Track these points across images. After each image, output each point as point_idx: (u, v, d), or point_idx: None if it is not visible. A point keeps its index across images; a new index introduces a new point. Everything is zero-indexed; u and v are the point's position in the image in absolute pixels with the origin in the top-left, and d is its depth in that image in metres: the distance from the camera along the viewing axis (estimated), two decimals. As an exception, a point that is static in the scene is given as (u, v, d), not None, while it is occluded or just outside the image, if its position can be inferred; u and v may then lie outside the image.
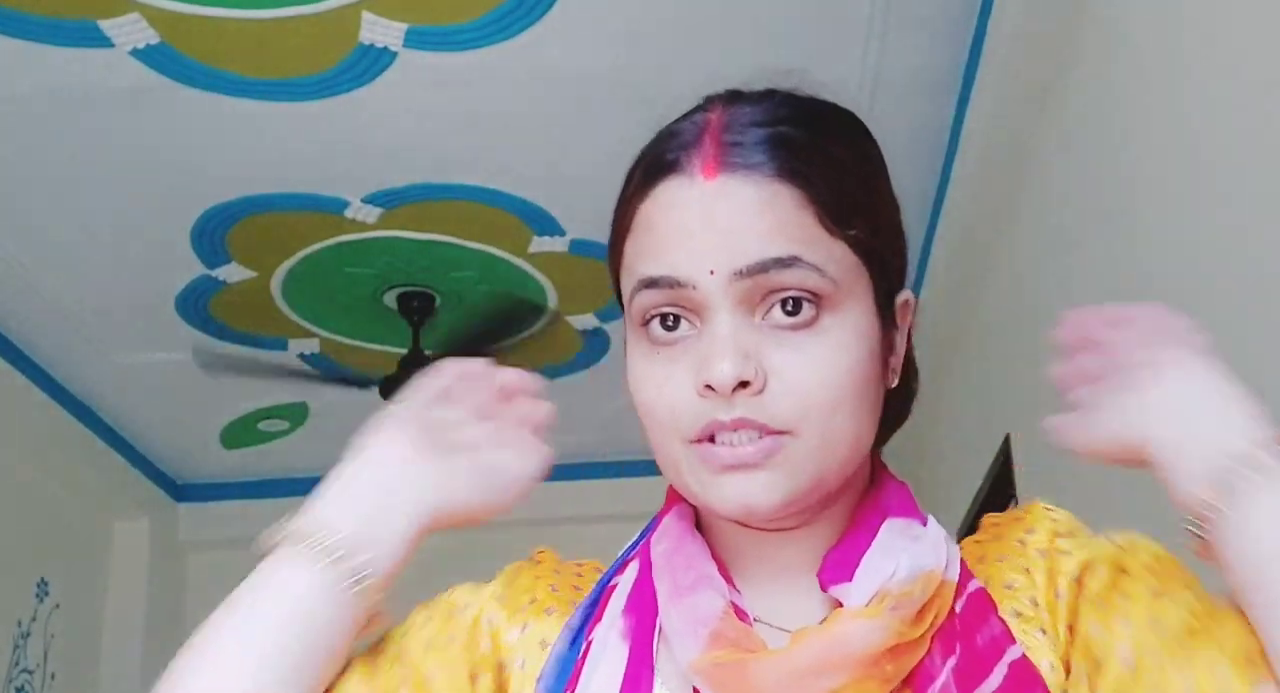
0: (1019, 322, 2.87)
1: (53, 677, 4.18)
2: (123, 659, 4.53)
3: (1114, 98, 2.14)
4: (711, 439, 0.71)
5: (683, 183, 0.73)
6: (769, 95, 0.78)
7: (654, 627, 0.74)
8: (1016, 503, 3.01)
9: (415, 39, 2.62)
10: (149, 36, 2.55)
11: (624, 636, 0.74)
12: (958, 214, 3.04)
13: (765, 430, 0.70)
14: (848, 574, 0.72)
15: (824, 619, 0.71)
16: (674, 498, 0.81)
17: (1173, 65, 1.86)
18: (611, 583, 0.79)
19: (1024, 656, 0.69)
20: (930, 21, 2.59)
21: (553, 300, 3.74)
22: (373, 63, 2.69)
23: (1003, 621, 0.71)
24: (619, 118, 2.89)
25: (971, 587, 0.73)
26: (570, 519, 5.18)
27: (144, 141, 2.90)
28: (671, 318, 0.73)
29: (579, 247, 3.40)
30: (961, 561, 0.75)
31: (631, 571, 0.79)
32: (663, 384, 0.73)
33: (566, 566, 0.85)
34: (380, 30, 2.59)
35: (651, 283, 0.73)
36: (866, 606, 0.69)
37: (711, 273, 0.71)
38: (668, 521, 0.79)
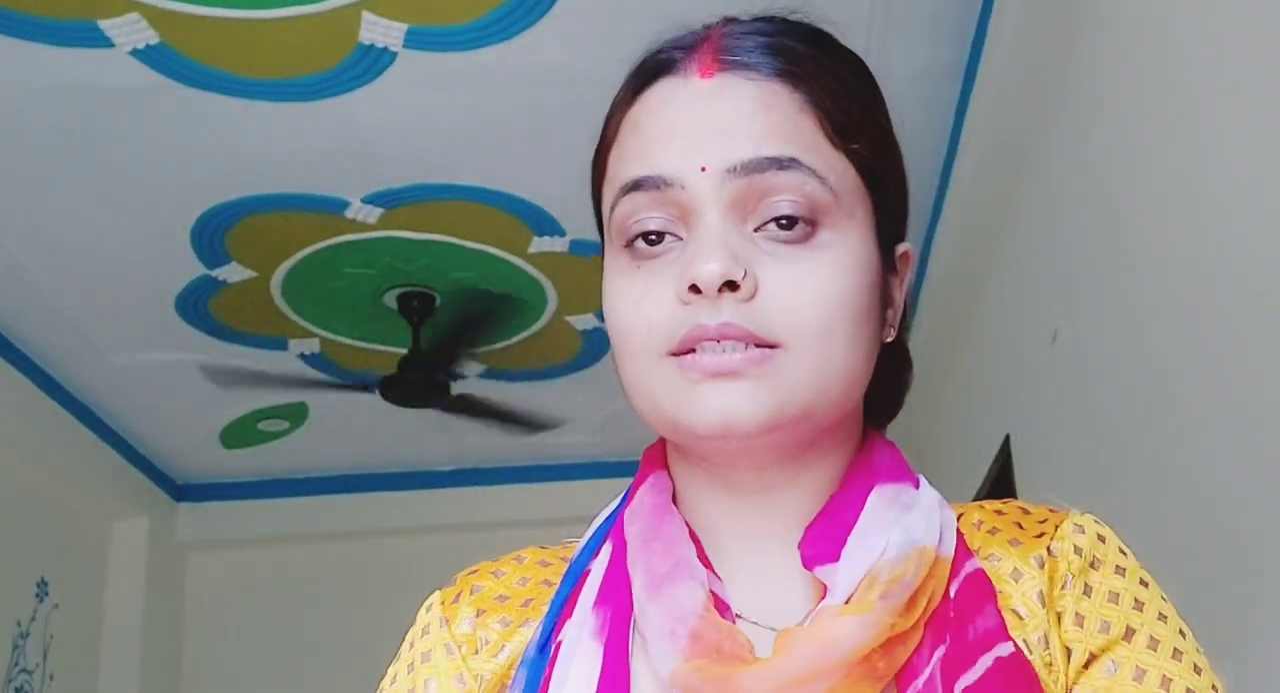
0: (1019, 322, 2.87)
1: (52, 677, 4.18)
2: (122, 659, 4.53)
3: (1114, 97, 2.14)
4: (692, 353, 0.65)
5: (676, 83, 0.70)
6: (770, 18, 0.74)
7: (629, 621, 0.67)
8: (1016, 503, 3.00)
9: (415, 39, 2.62)
10: (149, 36, 2.55)
11: (596, 634, 0.66)
12: (958, 214, 3.04)
13: (753, 340, 0.64)
14: (834, 553, 0.65)
15: (809, 615, 0.64)
16: (649, 465, 0.73)
17: (1172, 65, 1.86)
18: (585, 569, 0.71)
19: (1017, 653, 0.63)
20: (930, 21, 2.59)
21: (553, 300, 3.74)
22: (373, 63, 2.69)
23: (1000, 614, 0.65)
24: (619, 118, 2.90)
25: (969, 567, 0.66)
26: (570, 519, 5.19)
27: (144, 141, 2.90)
28: (655, 235, 0.67)
29: (579, 247, 3.40)
30: (959, 533, 0.69)
31: (605, 555, 0.71)
32: (641, 297, 0.66)
33: (507, 563, 0.76)
34: (380, 30, 2.59)
35: (635, 185, 0.67)
36: (853, 598, 0.63)
37: (703, 170, 0.65)
38: (641, 494, 0.71)
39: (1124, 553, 0.69)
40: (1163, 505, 1.99)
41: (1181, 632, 0.68)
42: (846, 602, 0.63)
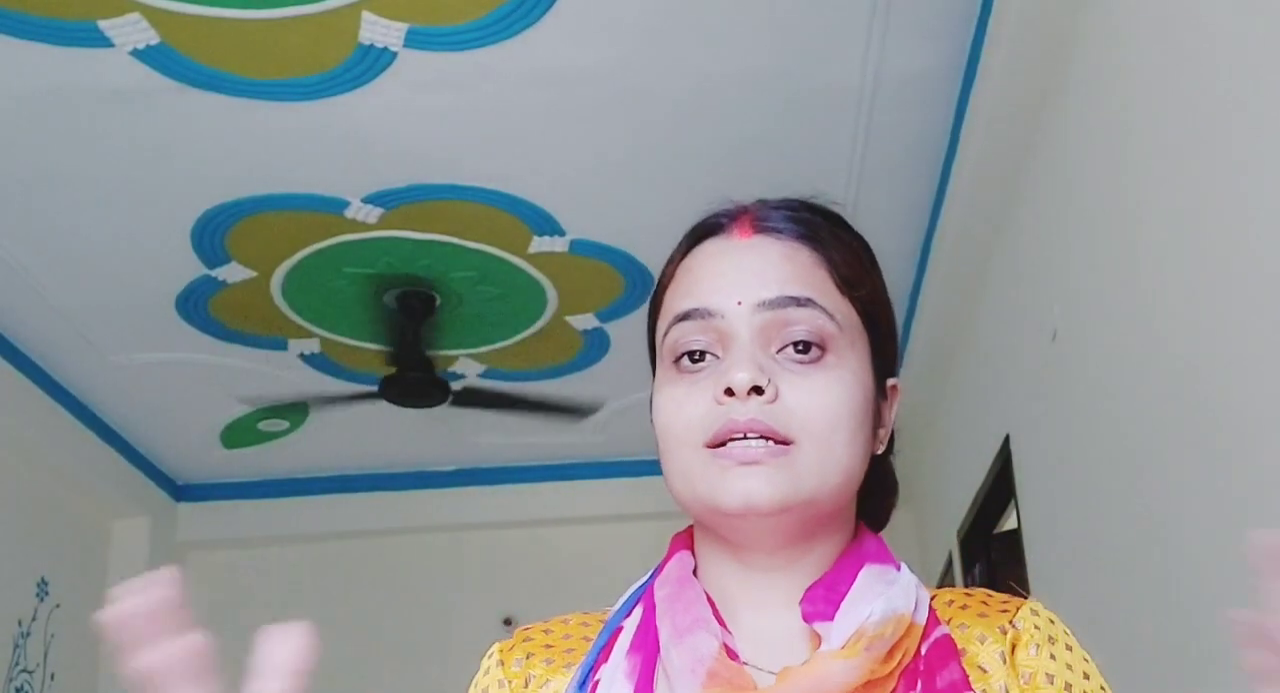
0: (1019, 322, 2.87)
1: (52, 677, 4.19)
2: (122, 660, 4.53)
3: (1113, 99, 2.14)
4: (722, 446, 0.81)
5: (721, 241, 0.88)
6: (796, 199, 0.92)
7: (655, 666, 0.82)
8: (1017, 503, 3.01)
9: (415, 39, 2.62)
10: (149, 36, 2.56)
11: (629, 675, 0.82)
12: (958, 214, 3.04)
13: (773, 435, 0.80)
14: (829, 613, 0.81)
15: (807, 659, 0.78)
16: (676, 544, 0.90)
17: (1172, 66, 1.86)
18: (619, 626, 0.87)
19: None
20: (930, 23, 2.59)
21: (553, 300, 3.75)
22: (373, 63, 2.69)
23: (964, 669, 0.80)
24: (619, 118, 2.90)
25: (937, 633, 0.82)
26: (570, 519, 5.20)
27: (144, 141, 2.90)
28: (699, 354, 0.84)
29: (579, 247, 3.40)
30: (931, 607, 0.84)
31: (637, 614, 0.87)
32: (684, 400, 0.83)
33: (555, 624, 0.92)
34: (380, 30, 2.59)
35: (685, 316, 0.85)
36: (844, 646, 0.77)
37: (739, 303, 0.83)
38: (670, 567, 0.88)
39: (1068, 634, 0.85)
40: (1163, 505, 1.99)
41: None
42: (841, 648, 0.78)
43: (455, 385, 4.10)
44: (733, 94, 2.77)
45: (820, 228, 0.88)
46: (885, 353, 0.89)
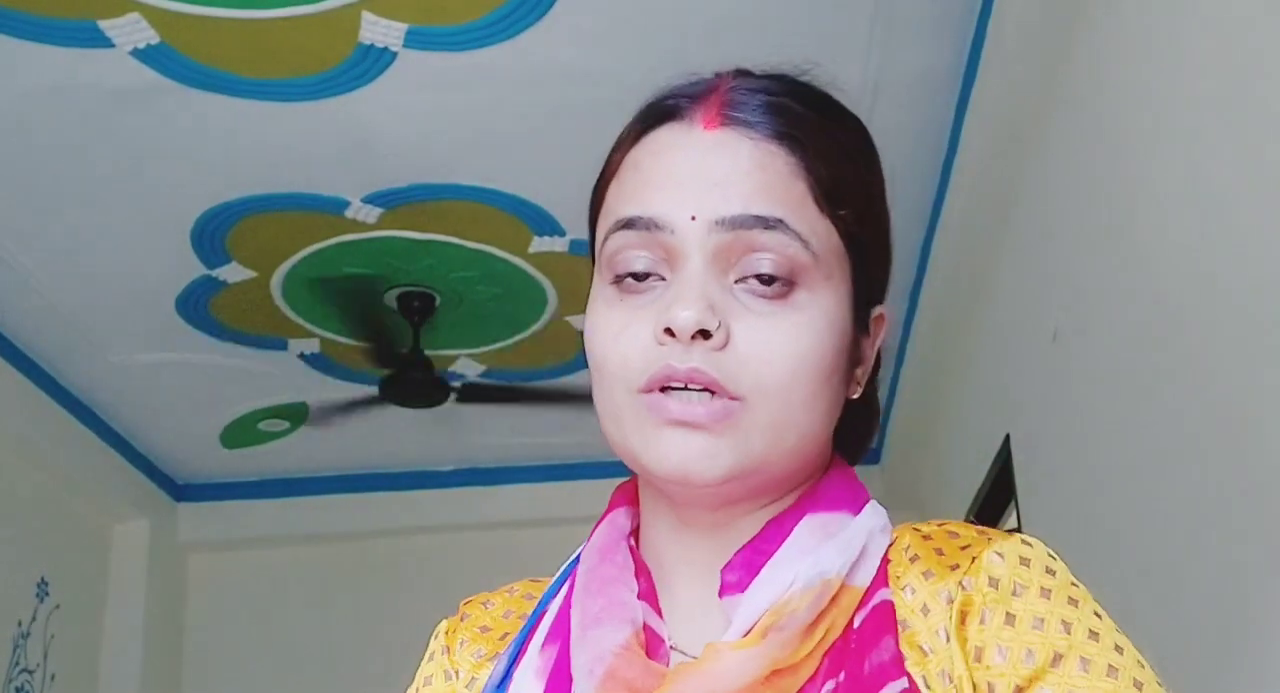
0: (1019, 321, 2.87)
1: (52, 677, 4.18)
2: (123, 660, 4.53)
3: (1114, 98, 2.14)
4: (661, 392, 0.68)
5: (679, 130, 0.72)
6: (779, 76, 0.77)
7: (570, 662, 0.69)
8: (1017, 503, 3.01)
9: (415, 39, 2.62)
10: (149, 36, 2.55)
11: (539, 674, 0.70)
12: (958, 214, 3.04)
13: (718, 389, 0.67)
14: (745, 583, 0.68)
15: (700, 654, 0.66)
16: (615, 502, 0.77)
17: (1173, 65, 1.86)
18: (544, 609, 0.75)
19: (911, 689, 0.64)
20: (930, 22, 2.59)
21: (553, 300, 3.75)
22: (373, 63, 2.69)
23: (898, 647, 0.65)
24: (619, 118, 2.89)
25: (878, 598, 0.67)
26: (570, 519, 5.19)
27: (144, 142, 2.90)
28: (642, 275, 0.70)
29: (579, 247, 3.40)
30: (885, 560, 0.69)
31: (562, 594, 0.75)
32: (620, 332, 0.70)
33: (500, 595, 0.81)
34: (380, 30, 2.59)
35: (628, 223, 0.70)
36: (746, 634, 0.65)
37: (693, 218, 0.69)
38: (598, 533, 0.75)
39: (1050, 573, 0.68)
40: (1163, 505, 1.99)
41: (1118, 647, 0.66)
42: (743, 636, 0.65)
43: (455, 385, 4.10)
44: (733, 94, 2.77)
45: (805, 123, 0.72)
46: (873, 277, 0.75)
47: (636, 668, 0.66)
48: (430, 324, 3.76)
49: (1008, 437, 3.03)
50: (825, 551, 0.68)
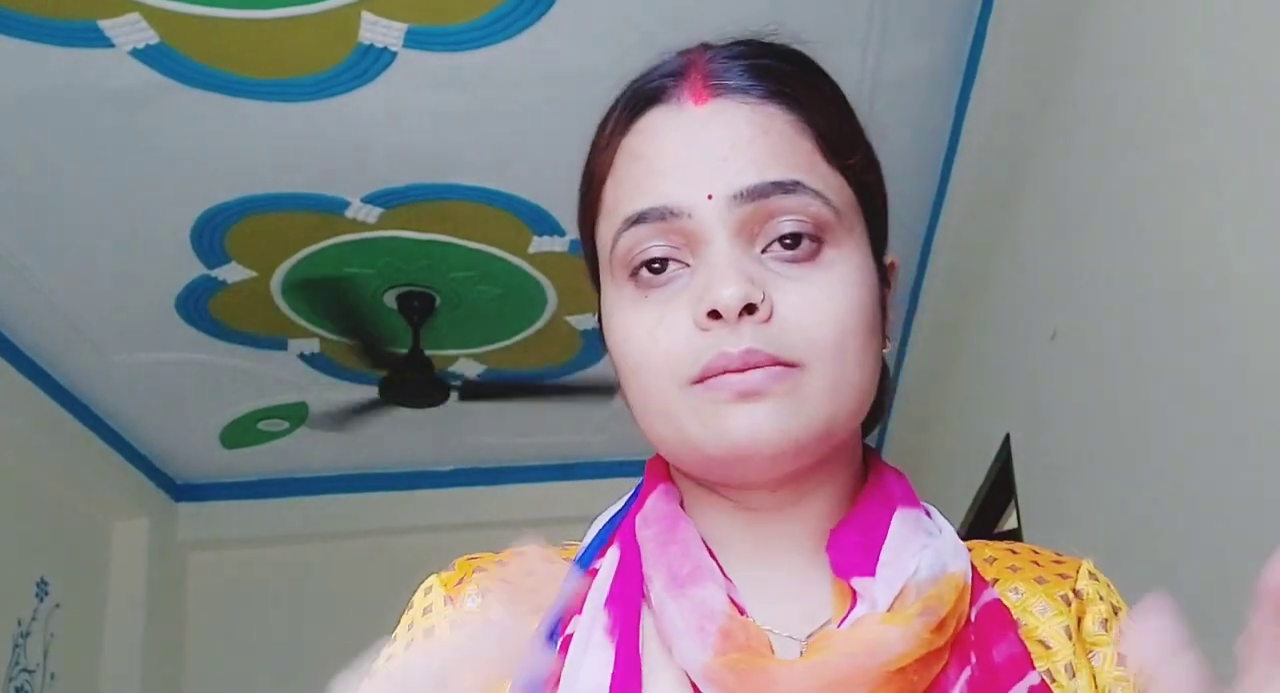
0: (1019, 321, 2.87)
1: (52, 677, 4.18)
2: (123, 659, 4.53)
3: (1114, 97, 2.14)
4: (715, 377, 0.65)
5: (669, 111, 0.70)
6: (748, 40, 0.75)
7: (639, 621, 0.67)
8: (1017, 503, 3.01)
9: (415, 39, 2.62)
10: (149, 36, 2.55)
11: (609, 632, 0.66)
12: (958, 214, 3.04)
13: (775, 362, 0.64)
14: (868, 566, 0.66)
15: (844, 622, 0.64)
16: (655, 475, 0.74)
17: (1172, 63, 1.86)
18: (591, 568, 0.71)
19: (1043, 684, 0.64)
20: (930, 21, 2.59)
21: (553, 300, 3.75)
22: (373, 63, 2.69)
23: (1023, 642, 0.66)
24: (619, 118, 2.90)
25: (986, 596, 0.68)
26: (570, 519, 5.19)
27: (144, 142, 2.90)
28: (659, 262, 0.67)
29: (579, 247, 3.39)
30: (972, 565, 0.69)
31: (612, 556, 0.71)
32: (655, 326, 0.66)
33: (508, 555, 0.75)
34: (380, 30, 2.59)
35: (639, 218, 0.67)
36: (892, 609, 0.63)
37: (709, 197, 0.66)
38: (653, 500, 0.71)
39: (1123, 603, 0.73)
40: (1163, 505, 1.99)
41: None
42: (889, 611, 0.63)
43: (456, 385, 4.10)
44: (733, 94, 2.77)
45: (793, 79, 0.70)
46: (880, 227, 0.73)
47: (750, 631, 0.63)
48: (430, 324, 3.76)
49: (1008, 437, 3.03)
50: (940, 545, 0.67)
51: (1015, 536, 3.07)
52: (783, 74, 0.70)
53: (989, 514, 3.44)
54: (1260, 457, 1.60)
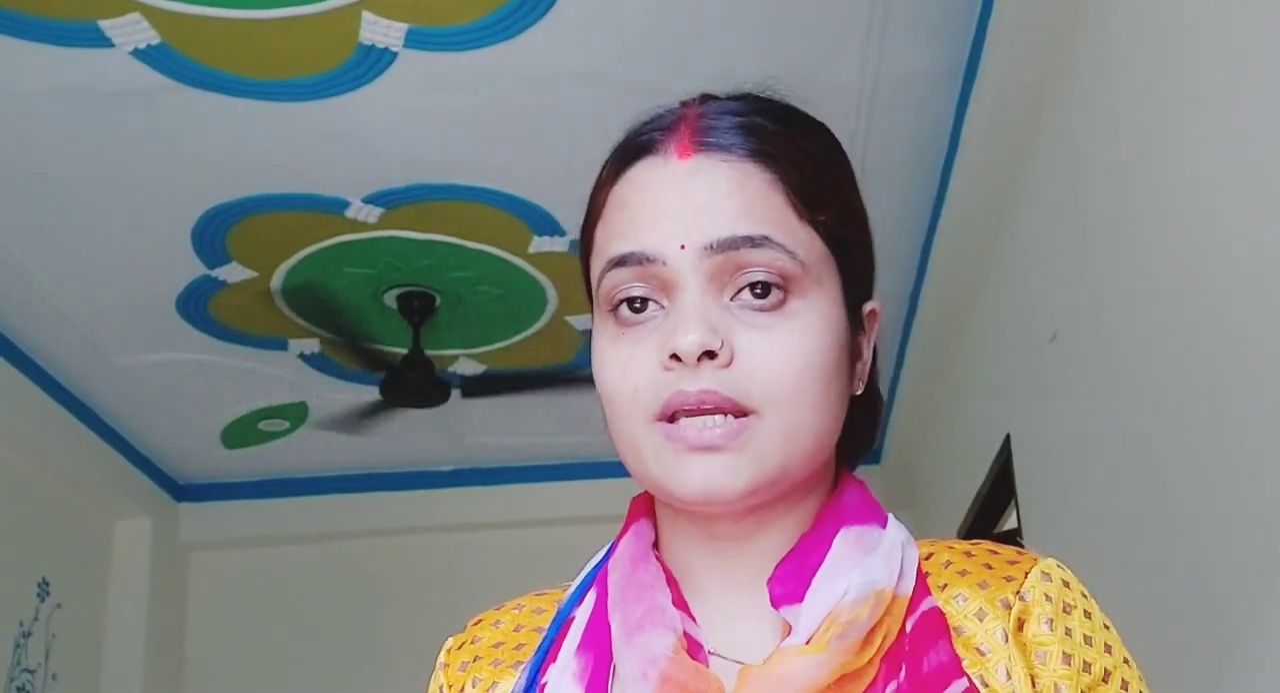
0: (1019, 322, 2.87)
1: (54, 677, 4.18)
2: (124, 659, 4.53)
3: (1113, 98, 2.14)
4: (673, 419, 0.71)
5: (657, 163, 0.75)
6: (743, 96, 0.80)
7: (609, 667, 0.72)
8: (1017, 503, 3.01)
9: (415, 39, 2.62)
10: (149, 36, 2.56)
11: (578, 678, 0.73)
12: (958, 214, 3.04)
13: (730, 407, 0.70)
14: (799, 593, 0.71)
15: (769, 656, 0.69)
16: (634, 513, 0.80)
17: (1172, 66, 1.86)
18: (570, 616, 0.78)
19: (971, 689, 0.68)
20: (930, 22, 2.59)
21: (553, 300, 3.75)
22: (373, 63, 2.69)
23: (954, 651, 0.70)
24: (619, 118, 2.89)
25: (925, 605, 0.72)
26: (570, 519, 5.19)
27: (144, 142, 2.90)
28: (639, 301, 0.73)
29: (579, 247, 3.39)
30: (920, 572, 0.74)
31: (589, 603, 0.77)
32: (626, 364, 0.73)
33: (508, 612, 0.84)
34: (380, 30, 2.59)
35: (621, 261, 0.74)
36: (811, 639, 0.68)
37: (682, 247, 0.71)
38: (624, 543, 0.78)
39: (1085, 597, 0.74)
40: (1163, 505, 1.99)
41: (1140, 677, 0.74)
42: (808, 642, 0.68)
43: (455, 385, 4.10)
44: (732, 94, 2.77)
45: (774, 138, 0.75)
46: (859, 275, 0.77)
47: (688, 671, 0.69)
48: (430, 324, 3.76)
49: (1008, 437, 3.03)
50: (871, 563, 0.71)
51: (1015, 536, 3.07)
52: (766, 133, 0.75)
53: (989, 514, 3.44)
54: (1260, 456, 1.60)
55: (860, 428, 0.81)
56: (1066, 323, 2.48)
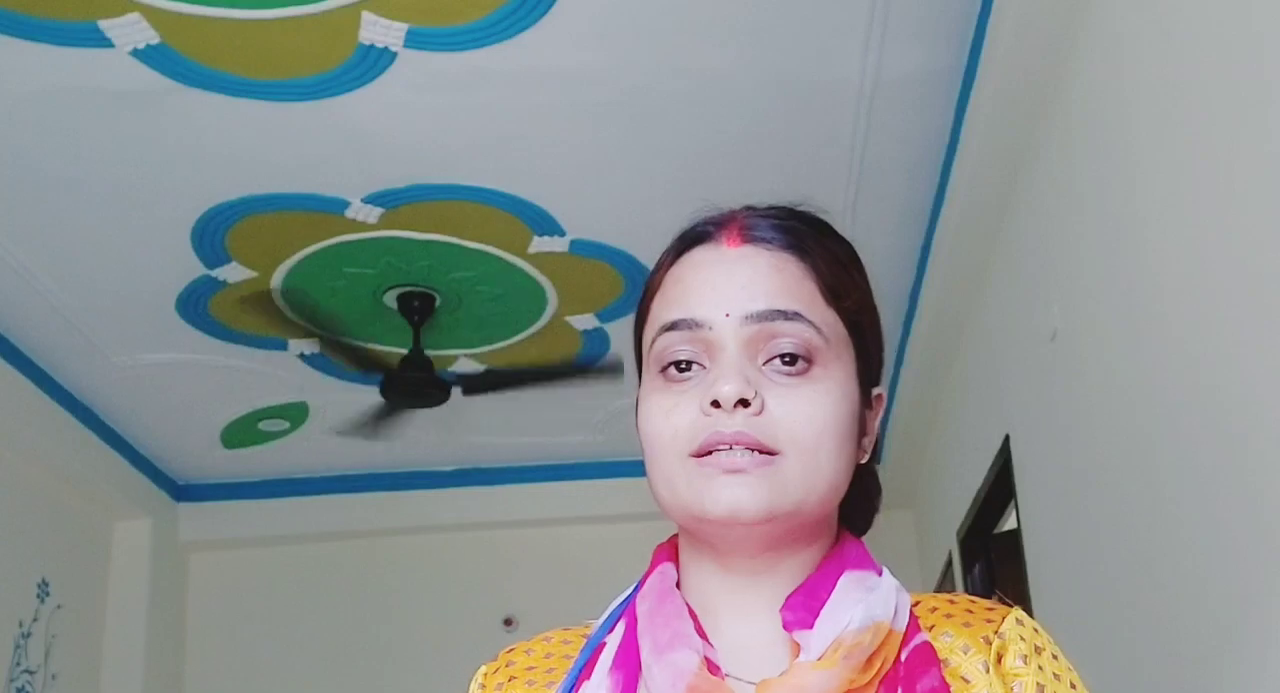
0: (1019, 322, 2.87)
1: (54, 677, 4.19)
2: (124, 659, 4.53)
3: (1113, 98, 2.14)
4: (708, 455, 0.82)
5: (709, 249, 0.89)
6: (781, 206, 0.93)
7: (637, 684, 0.83)
8: (1017, 504, 3.01)
9: (415, 39, 2.62)
10: (149, 36, 2.56)
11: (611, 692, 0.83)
12: (958, 214, 3.04)
13: (759, 446, 0.81)
14: (809, 621, 0.82)
15: (785, 670, 0.80)
16: (659, 558, 0.91)
17: (1172, 66, 1.86)
18: (601, 642, 0.88)
19: None
20: (930, 22, 2.59)
21: (553, 300, 3.75)
22: (373, 63, 2.69)
23: (944, 678, 0.81)
24: (619, 118, 2.90)
25: (917, 640, 0.83)
26: (570, 519, 5.20)
27: (144, 142, 2.90)
28: (685, 363, 0.85)
29: (579, 247, 3.40)
30: (912, 614, 0.85)
31: (619, 630, 0.88)
32: (670, 410, 0.84)
33: (537, 643, 0.94)
34: (380, 30, 2.59)
35: (673, 325, 0.86)
36: (822, 657, 0.79)
37: (726, 316, 0.84)
38: (651, 581, 0.89)
39: (1053, 644, 0.86)
40: (1163, 505, 1.99)
41: None
42: (818, 659, 0.79)
43: (455, 384, 4.10)
44: (732, 94, 2.77)
45: (807, 237, 0.89)
46: (871, 361, 0.90)
47: (712, 684, 0.79)
48: (430, 324, 3.76)
49: (1008, 437, 3.03)
50: (872, 600, 0.83)
51: (1015, 536, 3.08)
52: (801, 233, 0.89)
53: (989, 514, 3.45)
54: (1260, 456, 1.60)
55: (861, 504, 0.93)
56: (1066, 323, 2.48)
